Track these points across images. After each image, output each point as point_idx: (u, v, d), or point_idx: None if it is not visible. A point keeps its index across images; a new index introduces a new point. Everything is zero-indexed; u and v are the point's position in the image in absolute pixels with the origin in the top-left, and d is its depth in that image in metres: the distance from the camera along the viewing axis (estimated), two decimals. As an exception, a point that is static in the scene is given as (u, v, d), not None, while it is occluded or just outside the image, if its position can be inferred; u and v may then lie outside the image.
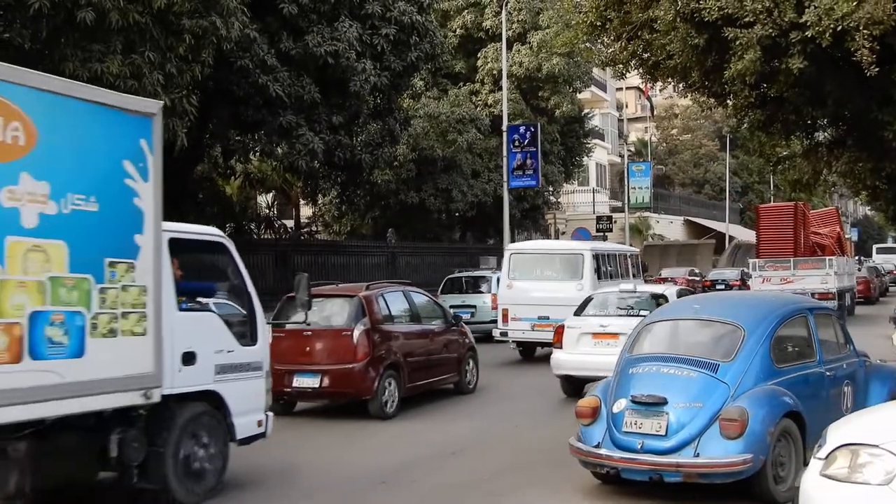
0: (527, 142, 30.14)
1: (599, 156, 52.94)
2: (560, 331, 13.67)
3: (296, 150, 20.13)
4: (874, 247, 66.23)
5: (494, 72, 32.83)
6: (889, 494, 5.00)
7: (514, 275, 18.49)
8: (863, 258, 51.53)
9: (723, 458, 7.08)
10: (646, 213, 50.93)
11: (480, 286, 22.89)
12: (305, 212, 34.66)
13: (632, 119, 66.21)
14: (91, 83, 10.19)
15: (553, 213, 42.31)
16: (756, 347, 7.70)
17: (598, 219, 41.42)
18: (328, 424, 11.75)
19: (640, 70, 13.17)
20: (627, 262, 20.36)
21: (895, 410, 6.07)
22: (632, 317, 12.81)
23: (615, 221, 43.32)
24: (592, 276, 17.92)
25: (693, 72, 11.84)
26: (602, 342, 12.91)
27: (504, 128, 29.87)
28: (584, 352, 12.99)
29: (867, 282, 37.46)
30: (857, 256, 45.81)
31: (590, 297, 14.73)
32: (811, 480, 5.45)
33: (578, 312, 14.04)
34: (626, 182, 47.56)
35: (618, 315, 13.39)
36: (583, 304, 14.37)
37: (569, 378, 13.15)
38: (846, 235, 37.69)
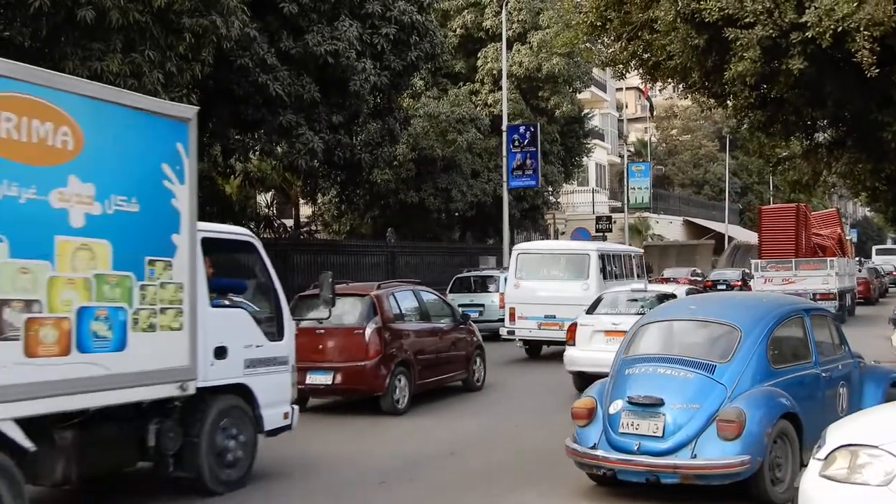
0: (526, 142, 30.16)
1: (599, 156, 52.94)
2: (573, 328, 14.02)
3: (295, 150, 20.11)
4: (873, 248, 66.28)
5: (494, 72, 32.83)
6: (888, 495, 5.01)
7: (521, 274, 18.80)
8: (863, 259, 51.59)
9: (720, 460, 7.06)
10: (645, 214, 50.95)
11: (488, 285, 23.25)
12: (305, 211, 34.63)
13: (631, 119, 66.24)
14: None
15: (552, 214, 42.29)
16: (753, 348, 7.69)
17: (598, 219, 41.44)
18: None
19: (640, 70, 13.18)
20: (632, 263, 20.76)
21: (894, 411, 6.08)
22: (642, 315, 13.01)
23: (615, 222, 43.34)
24: (598, 276, 18.25)
25: (693, 72, 11.84)
26: (614, 339, 13.04)
27: (504, 128, 29.89)
28: (597, 349, 13.17)
29: (867, 283, 37.71)
30: (858, 258, 45.88)
31: (601, 296, 15.18)
32: (810, 481, 5.46)
33: (591, 311, 14.45)
34: (626, 182, 47.58)
35: (629, 313, 13.58)
36: (595, 303, 14.80)
37: (581, 374, 13.30)
38: (847, 237, 37.81)
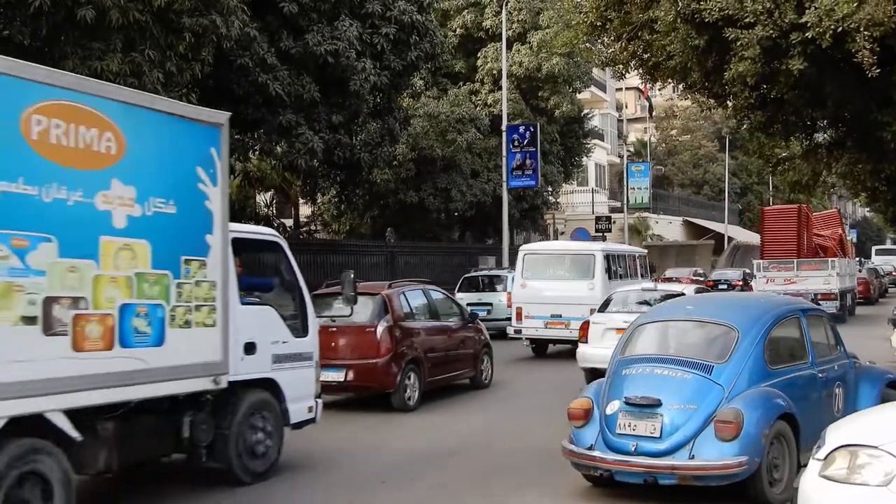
0: (526, 142, 30.18)
1: (599, 156, 52.94)
2: (586, 326, 14.39)
3: (295, 149, 20.13)
4: (873, 248, 66.27)
5: (494, 71, 32.83)
6: (888, 495, 5.01)
7: (528, 274, 19.13)
8: (863, 259, 51.65)
9: (718, 461, 7.04)
10: (645, 214, 50.96)
11: (496, 285, 23.68)
12: (304, 211, 34.62)
13: (631, 119, 66.23)
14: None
15: (552, 214, 42.29)
16: (750, 349, 7.66)
17: (597, 219, 41.45)
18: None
19: (640, 70, 13.17)
20: (636, 263, 21.17)
21: (894, 411, 6.08)
22: None
23: (614, 222, 43.35)
24: (603, 276, 18.61)
25: (693, 72, 11.83)
26: None
27: (503, 128, 29.91)
28: (609, 346, 13.32)
29: (867, 283, 37.93)
30: (858, 258, 45.99)
31: (612, 295, 15.63)
32: (810, 481, 5.45)
33: (602, 309, 14.92)
34: (626, 182, 47.60)
35: (639, 312, 13.73)
36: (606, 302, 15.29)
37: (594, 371, 13.43)
38: (847, 237, 37.96)
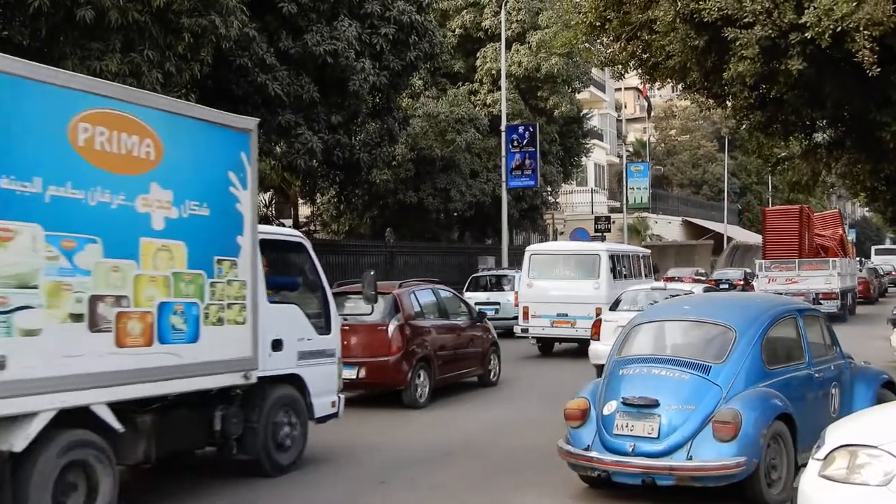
0: (525, 142, 30.18)
1: (598, 156, 52.93)
2: (598, 324, 14.85)
3: (294, 150, 20.11)
4: (873, 248, 66.30)
5: (493, 72, 32.81)
6: (888, 495, 5.00)
7: (534, 274, 19.49)
8: (863, 259, 51.71)
9: (716, 461, 7.02)
10: (644, 214, 50.93)
11: (504, 285, 24.13)
12: (304, 211, 34.62)
13: (630, 119, 66.20)
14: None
15: (551, 214, 42.28)
16: (748, 349, 7.64)
17: (597, 219, 41.44)
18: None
19: (640, 71, 13.16)
20: (640, 263, 21.56)
21: (894, 411, 6.08)
22: None
23: (613, 222, 43.33)
24: (609, 276, 19.00)
25: (692, 72, 11.82)
26: None
27: (503, 128, 29.90)
28: None
29: (867, 282, 38.18)
30: (859, 258, 46.09)
31: (623, 294, 16.15)
32: (809, 481, 5.45)
33: (613, 308, 15.46)
34: (625, 182, 47.58)
35: None
36: (616, 301, 15.83)
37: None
38: (848, 237, 38.15)
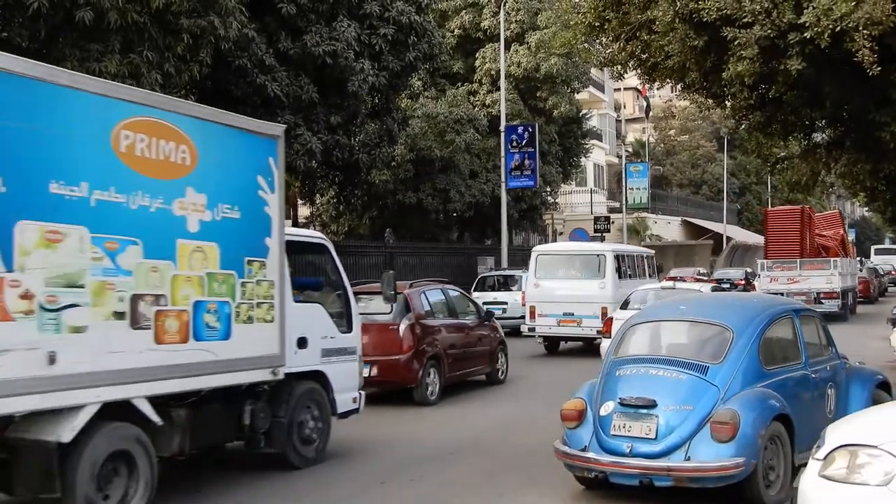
0: (525, 142, 30.18)
1: (597, 156, 52.94)
2: (609, 322, 15.23)
3: (294, 150, 20.09)
4: (872, 248, 66.28)
5: (492, 72, 32.80)
6: (888, 495, 5.00)
7: (541, 274, 19.79)
8: (863, 259, 51.78)
9: (714, 462, 6.99)
10: (643, 214, 50.94)
11: (511, 285, 24.59)
12: (303, 212, 34.60)
13: (630, 120, 66.20)
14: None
15: (551, 214, 42.27)
16: (745, 349, 7.61)
17: (596, 219, 41.46)
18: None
19: (639, 71, 13.16)
20: (644, 263, 21.96)
21: (893, 411, 6.07)
22: None
23: (613, 222, 43.36)
24: (614, 276, 19.36)
25: (691, 72, 11.81)
26: None
27: (502, 128, 29.90)
28: None
29: (867, 282, 38.43)
30: (859, 258, 46.20)
31: (633, 293, 16.66)
32: (809, 481, 5.44)
33: (624, 306, 15.74)
34: (624, 183, 47.60)
35: None
36: (626, 300, 16.29)
37: None
38: (848, 237, 38.32)
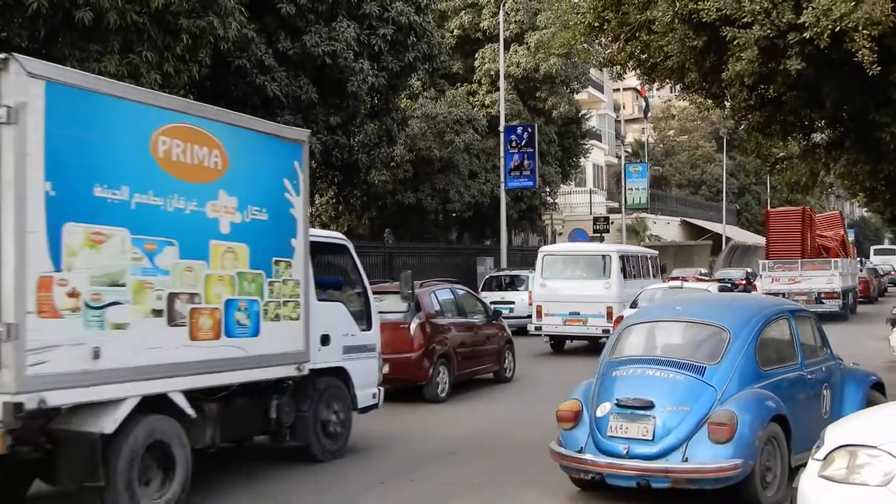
0: (524, 142, 30.19)
1: (596, 157, 52.94)
2: (619, 321, 15.37)
3: (293, 151, 20.10)
4: (872, 248, 66.34)
5: (492, 72, 32.82)
6: (887, 496, 5.00)
7: (547, 274, 20.13)
8: (863, 259, 51.86)
9: (712, 464, 6.97)
10: (643, 214, 50.95)
11: (518, 285, 25.05)
12: (302, 212, 34.59)
13: (629, 120, 66.21)
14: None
15: (550, 214, 42.29)
16: (742, 350, 7.59)
17: (595, 220, 41.46)
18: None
19: (638, 71, 13.13)
20: (648, 263, 22.42)
21: (894, 411, 6.07)
22: None
23: (612, 222, 43.37)
24: (619, 276, 19.70)
25: (691, 73, 11.78)
26: None
27: (501, 128, 29.90)
28: None
29: (867, 282, 38.73)
30: (859, 258, 46.29)
31: (641, 292, 17.15)
32: (809, 481, 5.44)
33: (633, 306, 16.05)
34: (623, 183, 47.61)
35: None
36: (635, 300, 16.64)
37: None
38: (849, 238, 38.48)
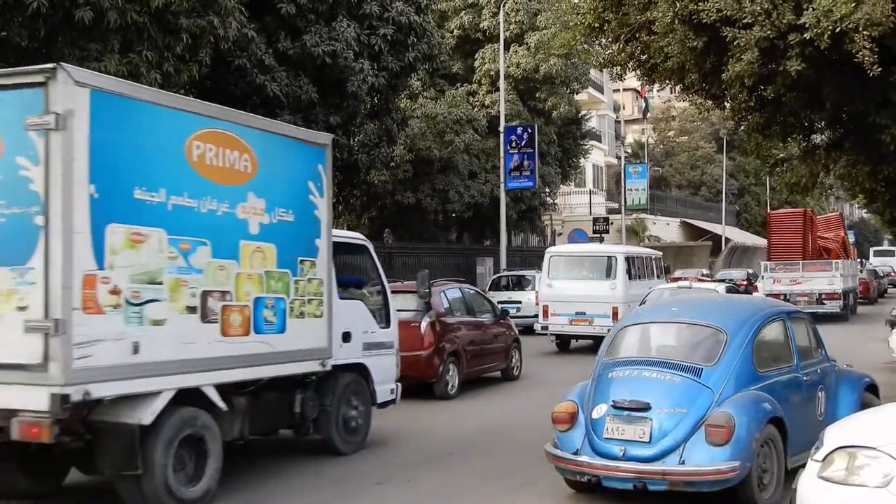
0: (524, 143, 30.19)
1: (596, 157, 52.94)
2: None
3: (293, 150, 20.10)
4: (871, 249, 66.31)
5: (492, 73, 32.82)
6: (887, 497, 5.00)
7: (554, 275, 20.42)
8: (863, 261, 51.94)
9: (710, 466, 6.94)
10: (642, 215, 50.94)
11: (525, 285, 25.61)
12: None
13: (629, 121, 66.22)
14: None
15: (549, 215, 42.29)
16: (738, 351, 7.56)
17: (595, 220, 41.46)
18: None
19: (638, 72, 13.13)
20: (653, 264, 22.73)
21: (893, 412, 6.07)
22: None
23: (612, 223, 43.36)
24: (625, 277, 19.96)
25: (691, 74, 11.77)
26: None
27: (501, 129, 29.91)
28: None
29: (867, 283, 38.97)
30: (860, 259, 46.41)
31: (650, 294, 17.54)
32: (808, 482, 5.44)
33: (642, 304, 15.95)
34: (623, 184, 47.61)
35: None
36: (644, 300, 16.84)
37: None
38: (849, 240, 38.66)
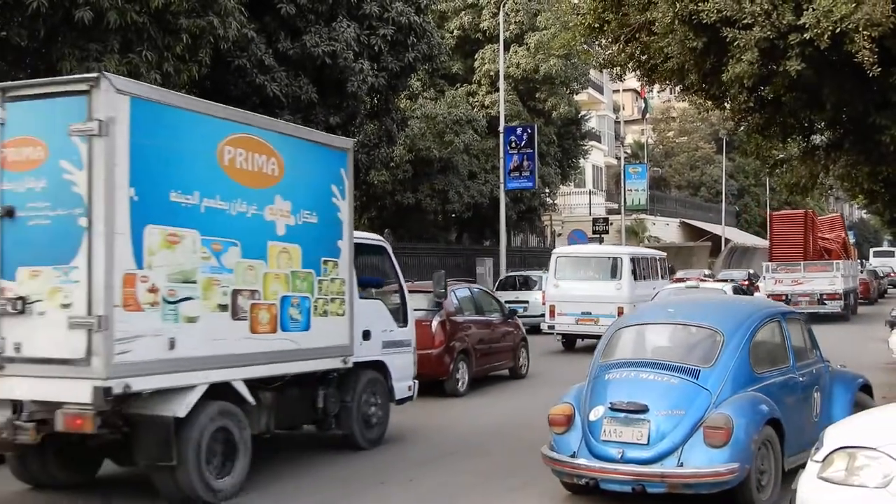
0: (523, 143, 30.19)
1: (596, 158, 52.94)
2: None
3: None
4: (871, 250, 66.30)
5: (491, 73, 32.81)
6: (886, 497, 5.00)
7: (560, 275, 20.70)
8: (864, 261, 52.03)
9: (708, 468, 6.92)
10: (642, 215, 50.95)
11: (532, 285, 25.97)
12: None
13: (628, 121, 66.23)
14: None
15: (549, 215, 42.28)
16: (736, 352, 7.54)
17: (595, 221, 41.45)
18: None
19: (638, 72, 13.13)
20: (657, 265, 23.07)
21: (893, 412, 6.07)
22: None
23: (611, 223, 43.36)
24: (630, 277, 20.26)
25: (691, 74, 11.77)
26: None
27: (501, 129, 29.88)
28: None
29: (867, 284, 39.18)
30: (860, 260, 46.50)
31: (659, 291, 18.01)
32: (808, 483, 5.44)
33: None
34: (623, 184, 47.63)
35: None
36: (653, 298, 17.10)
37: None
38: (850, 240, 38.76)
